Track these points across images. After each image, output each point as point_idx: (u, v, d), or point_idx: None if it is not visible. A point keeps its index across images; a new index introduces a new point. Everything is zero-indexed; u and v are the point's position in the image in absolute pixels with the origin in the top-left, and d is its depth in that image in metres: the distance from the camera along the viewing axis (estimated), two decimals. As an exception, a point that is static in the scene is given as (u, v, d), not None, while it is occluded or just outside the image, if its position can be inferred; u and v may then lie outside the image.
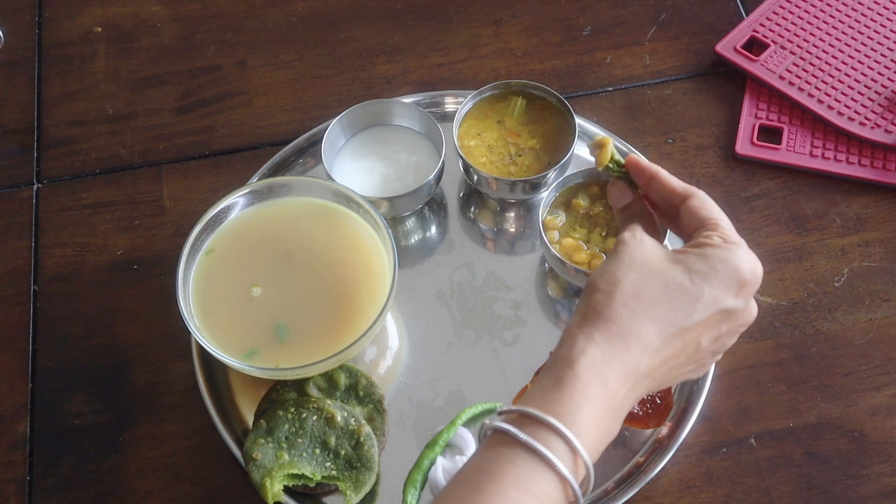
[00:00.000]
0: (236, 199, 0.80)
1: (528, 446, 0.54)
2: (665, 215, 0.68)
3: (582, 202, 0.82)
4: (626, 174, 0.69)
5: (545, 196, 0.82)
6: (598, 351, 0.57)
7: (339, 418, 0.75)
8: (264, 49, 1.02)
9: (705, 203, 0.64)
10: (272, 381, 0.79)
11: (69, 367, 0.84)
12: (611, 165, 0.69)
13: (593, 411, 0.56)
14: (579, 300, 0.62)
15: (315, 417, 0.75)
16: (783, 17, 0.99)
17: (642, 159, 0.68)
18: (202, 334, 0.74)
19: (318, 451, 0.75)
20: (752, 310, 0.63)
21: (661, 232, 0.68)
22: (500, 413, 0.58)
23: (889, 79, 0.94)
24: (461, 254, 0.87)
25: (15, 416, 0.81)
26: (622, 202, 0.69)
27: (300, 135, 0.94)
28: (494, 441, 0.57)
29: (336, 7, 1.05)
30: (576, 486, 0.55)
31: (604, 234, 0.81)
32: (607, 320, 0.58)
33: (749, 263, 0.61)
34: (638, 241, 0.62)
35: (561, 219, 0.82)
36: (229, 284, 0.78)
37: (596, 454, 0.57)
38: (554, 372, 0.58)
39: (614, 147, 0.69)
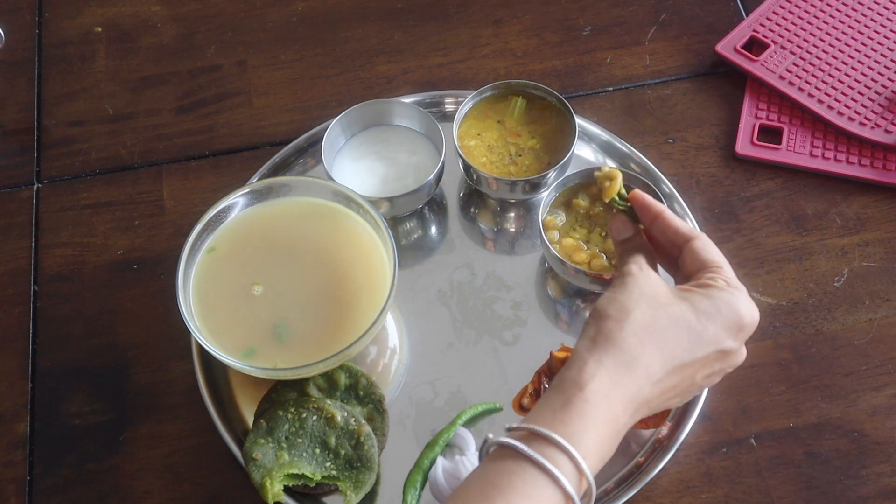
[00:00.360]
0: (236, 199, 0.80)
1: (536, 462, 0.56)
2: (663, 253, 0.72)
3: (582, 202, 0.82)
4: (630, 208, 0.72)
5: (545, 196, 0.82)
6: (606, 376, 0.60)
7: (339, 418, 0.75)
8: (264, 49, 1.02)
9: (708, 246, 0.67)
10: (272, 381, 0.79)
11: (69, 367, 0.84)
12: (616, 198, 0.72)
13: (598, 433, 0.59)
14: (587, 324, 0.64)
15: (315, 417, 0.75)
16: (783, 17, 0.99)
17: (647, 197, 0.71)
18: (202, 334, 0.74)
19: (318, 451, 0.75)
20: (743, 353, 0.66)
21: (657, 269, 0.70)
22: (509, 430, 0.60)
23: (889, 79, 0.94)
24: (461, 254, 0.87)
25: (15, 416, 0.81)
26: (623, 235, 0.71)
27: (300, 135, 0.94)
28: (501, 455, 0.59)
29: (336, 7, 1.05)
30: (578, 503, 0.58)
31: (604, 234, 0.81)
32: (617, 347, 0.61)
33: (749, 309, 0.64)
34: (645, 274, 0.65)
35: (561, 219, 0.82)
36: (230, 283, 0.78)
37: (595, 473, 0.60)
38: (563, 393, 0.60)
39: (622, 181, 0.72)
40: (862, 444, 0.77)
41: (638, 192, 0.71)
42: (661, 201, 0.79)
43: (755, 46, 0.98)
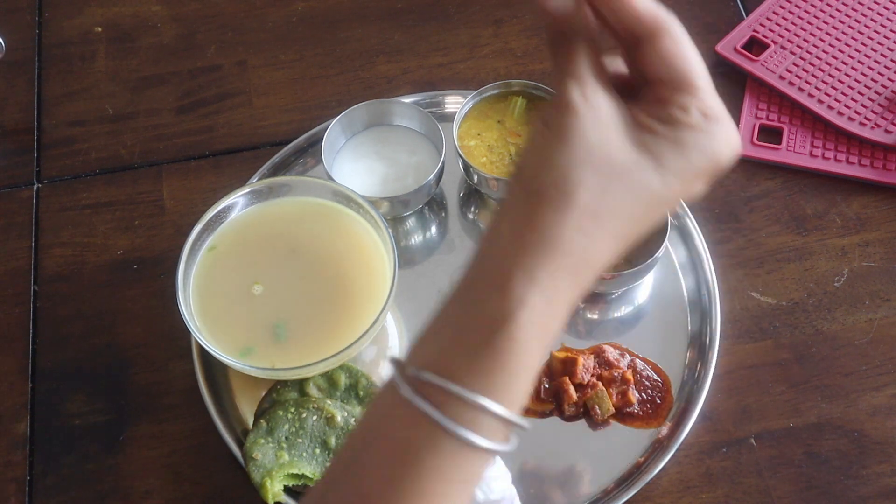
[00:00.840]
0: (236, 199, 0.80)
1: (456, 436, 0.42)
2: (617, 45, 0.48)
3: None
4: None
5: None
6: (542, 299, 0.43)
7: (339, 418, 0.75)
8: (264, 49, 1.02)
9: (681, 47, 0.46)
10: (272, 381, 0.79)
11: (69, 367, 0.83)
12: None
13: (531, 370, 0.44)
14: (508, 200, 0.46)
15: (315, 417, 0.75)
16: (783, 17, 0.99)
17: None
18: (202, 334, 0.74)
19: (318, 451, 0.75)
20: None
21: (605, 73, 0.47)
22: (410, 379, 0.43)
23: (889, 79, 0.94)
24: (461, 254, 0.87)
25: (15, 416, 0.81)
26: (558, 9, 0.45)
27: (300, 135, 0.94)
28: (408, 416, 0.43)
29: (336, 7, 1.05)
30: (507, 450, 0.45)
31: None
32: (557, 250, 0.43)
33: (729, 149, 0.47)
34: (592, 108, 0.44)
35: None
36: (230, 282, 0.78)
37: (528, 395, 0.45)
38: (482, 325, 0.43)
39: None
40: (862, 444, 0.77)
41: None
42: None
43: (755, 46, 0.98)
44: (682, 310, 0.84)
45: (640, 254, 0.80)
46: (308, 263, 0.79)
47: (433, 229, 0.90)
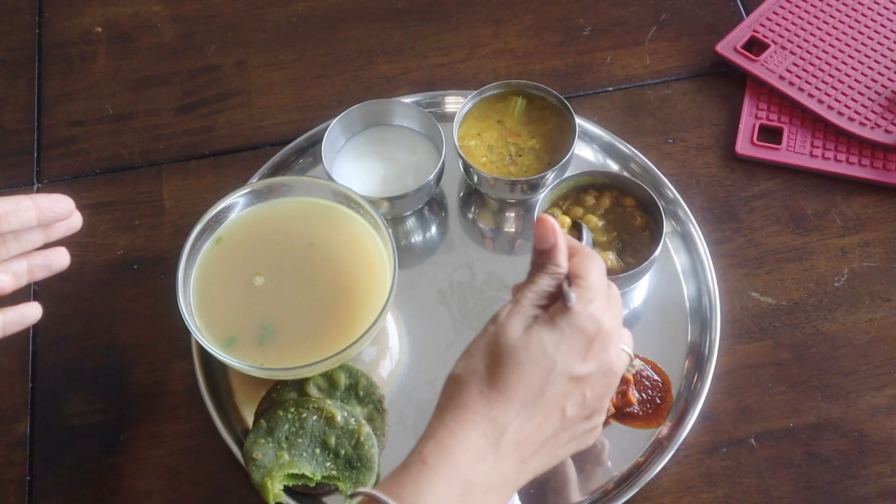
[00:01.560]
0: (236, 199, 0.80)
1: None
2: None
3: (586, 201, 0.82)
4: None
5: (541, 197, 0.82)
6: (447, 434, 0.58)
7: (339, 418, 0.75)
8: (264, 49, 1.02)
9: (584, 260, 0.63)
10: (272, 381, 0.79)
11: (69, 367, 0.84)
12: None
13: (439, 495, 0.56)
14: (441, 394, 0.61)
15: (315, 417, 0.75)
16: (783, 17, 0.99)
17: (550, 222, 0.64)
18: (202, 334, 0.74)
19: (318, 451, 0.75)
20: (610, 365, 0.62)
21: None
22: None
23: (889, 79, 0.94)
24: (461, 254, 0.87)
25: (15, 416, 0.81)
26: (542, 245, 0.64)
27: (300, 135, 0.94)
28: None
29: (336, 7, 1.05)
30: None
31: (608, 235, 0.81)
32: (462, 408, 0.58)
33: (594, 321, 0.60)
34: (500, 326, 0.61)
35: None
36: (233, 271, 0.78)
37: None
38: (405, 461, 0.58)
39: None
40: (862, 444, 0.77)
41: (544, 216, 0.64)
42: (660, 207, 0.79)
43: (755, 46, 0.98)
44: (682, 310, 0.84)
45: (635, 257, 0.80)
46: (308, 263, 0.79)
47: (433, 229, 0.90)
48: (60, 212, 0.68)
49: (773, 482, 0.76)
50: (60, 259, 0.71)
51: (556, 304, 0.61)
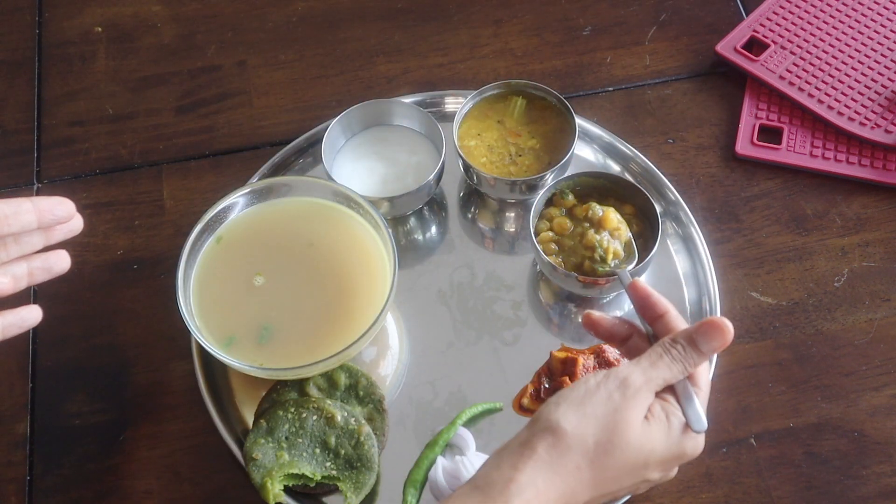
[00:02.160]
0: (236, 199, 0.80)
1: None
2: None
3: (563, 202, 0.82)
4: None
5: (535, 202, 0.82)
6: (534, 496, 0.57)
7: (339, 418, 0.75)
8: (264, 49, 1.02)
9: (704, 367, 0.63)
10: (272, 381, 0.79)
11: (69, 367, 0.84)
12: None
13: None
14: (536, 421, 0.60)
15: (315, 417, 0.75)
16: (783, 17, 0.99)
17: (652, 291, 0.66)
18: (202, 334, 0.74)
19: (318, 450, 0.75)
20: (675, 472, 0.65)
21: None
22: None
23: (889, 79, 0.94)
24: (461, 254, 0.87)
25: (15, 416, 0.81)
26: (621, 335, 0.67)
27: (300, 135, 0.94)
28: None
29: (336, 7, 1.05)
30: None
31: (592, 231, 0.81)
32: (556, 473, 0.58)
33: (699, 447, 0.63)
34: (625, 405, 0.59)
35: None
36: (233, 270, 0.78)
37: None
38: (486, 499, 0.57)
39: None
40: (862, 444, 0.77)
41: (640, 284, 0.67)
42: (658, 216, 0.79)
43: (755, 46, 0.98)
44: (683, 310, 0.84)
45: (628, 262, 0.80)
46: (308, 263, 0.79)
47: (433, 229, 0.90)
48: (61, 215, 0.68)
49: (773, 482, 0.76)
50: (61, 262, 0.71)
51: (675, 402, 0.61)
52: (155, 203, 0.92)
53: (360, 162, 0.87)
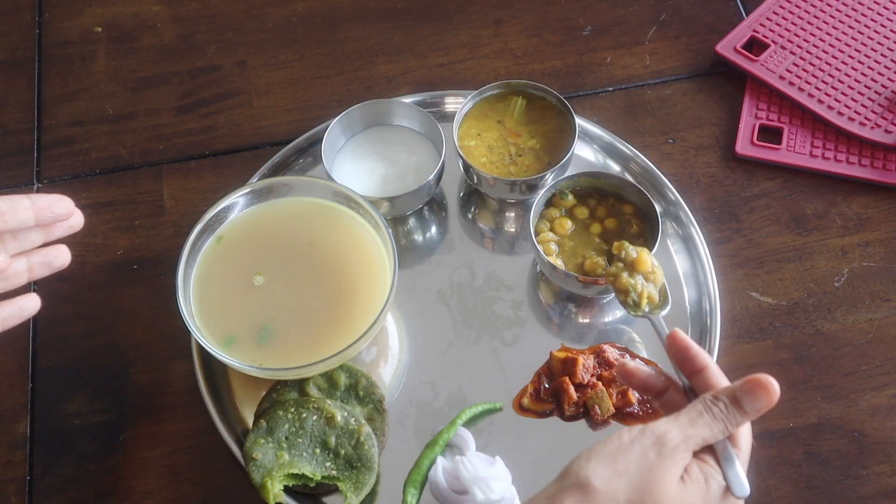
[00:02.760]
0: (236, 199, 0.80)
1: None
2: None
3: (563, 202, 0.82)
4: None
5: (535, 202, 0.82)
6: None
7: (339, 418, 0.75)
8: (264, 49, 1.02)
9: (745, 428, 0.59)
10: (272, 381, 0.79)
11: (69, 367, 0.84)
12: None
13: None
14: (570, 473, 0.57)
15: (315, 417, 0.75)
16: (783, 17, 0.99)
17: (692, 344, 0.63)
18: (202, 333, 0.74)
19: (318, 450, 0.75)
20: None
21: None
22: None
23: (889, 79, 0.94)
24: (461, 254, 0.87)
25: (15, 416, 0.81)
26: (657, 388, 0.65)
27: (300, 135, 0.94)
28: None
29: (336, 7, 1.05)
30: None
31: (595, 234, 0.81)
32: None
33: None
34: (660, 463, 0.56)
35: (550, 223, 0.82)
36: (233, 270, 0.78)
37: None
38: None
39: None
40: (862, 444, 0.77)
41: (680, 335, 0.63)
42: (658, 216, 0.79)
43: (755, 46, 0.98)
44: (683, 310, 0.84)
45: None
46: (308, 263, 0.79)
47: (433, 229, 0.90)
48: (59, 212, 0.67)
49: (773, 482, 0.76)
50: (61, 257, 0.71)
51: (714, 464, 0.57)
52: (155, 203, 0.92)
53: (360, 162, 0.87)
